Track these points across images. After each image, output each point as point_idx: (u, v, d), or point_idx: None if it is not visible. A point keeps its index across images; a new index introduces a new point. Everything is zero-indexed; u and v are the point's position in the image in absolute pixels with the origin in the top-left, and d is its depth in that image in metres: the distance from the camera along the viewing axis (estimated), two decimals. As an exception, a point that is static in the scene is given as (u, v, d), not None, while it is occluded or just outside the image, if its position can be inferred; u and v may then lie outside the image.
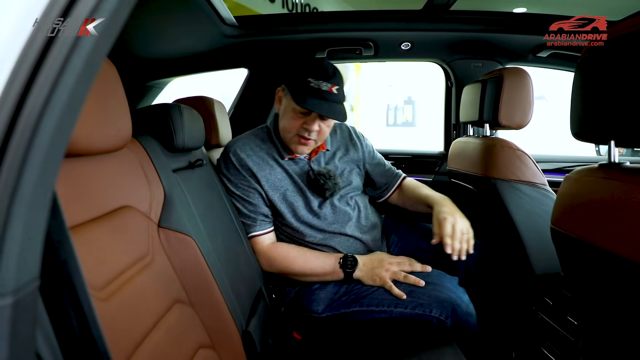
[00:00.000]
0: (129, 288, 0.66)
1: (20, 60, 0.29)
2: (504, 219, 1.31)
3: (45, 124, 0.29)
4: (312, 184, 1.27)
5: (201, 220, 0.95)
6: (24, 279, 0.30)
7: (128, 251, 0.69)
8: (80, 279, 0.38)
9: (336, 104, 1.16)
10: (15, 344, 0.29)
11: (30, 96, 0.29)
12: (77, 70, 0.30)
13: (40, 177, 0.29)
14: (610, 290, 0.78)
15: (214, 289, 0.87)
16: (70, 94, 0.30)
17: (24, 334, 0.31)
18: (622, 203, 0.68)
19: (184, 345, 0.75)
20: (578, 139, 0.79)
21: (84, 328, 0.38)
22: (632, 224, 0.65)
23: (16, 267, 0.29)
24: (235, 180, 1.24)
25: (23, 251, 0.30)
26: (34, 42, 0.29)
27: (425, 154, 2.08)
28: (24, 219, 0.29)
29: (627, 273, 0.67)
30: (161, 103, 1.01)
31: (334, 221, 1.27)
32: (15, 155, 0.28)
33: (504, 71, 1.37)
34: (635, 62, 0.64)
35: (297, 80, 1.16)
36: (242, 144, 1.27)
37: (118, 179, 0.75)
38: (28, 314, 0.31)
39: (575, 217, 0.80)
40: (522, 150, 1.31)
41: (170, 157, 0.96)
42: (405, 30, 1.68)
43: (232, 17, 1.55)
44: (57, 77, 0.29)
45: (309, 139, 1.21)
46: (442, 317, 1.13)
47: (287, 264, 1.22)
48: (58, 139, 0.30)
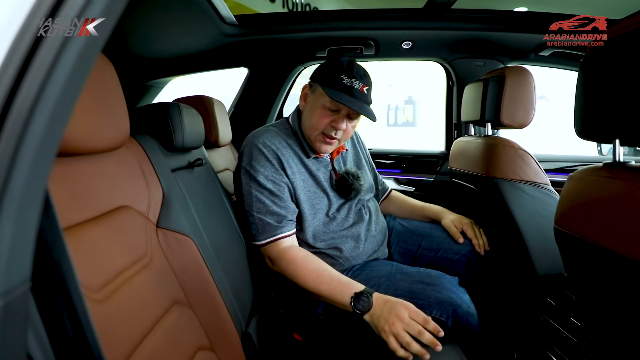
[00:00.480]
0: (127, 289, 0.65)
1: (9, 57, 0.28)
2: (506, 219, 1.30)
3: (35, 122, 0.28)
4: (339, 184, 1.27)
5: (200, 220, 0.94)
6: (14, 281, 0.29)
7: (126, 252, 0.68)
8: (74, 280, 0.37)
9: (366, 103, 1.17)
10: (5, 347, 0.29)
11: (20, 93, 0.28)
12: (68, 67, 0.29)
13: (31, 176, 0.29)
14: (615, 291, 0.77)
15: (213, 290, 0.86)
16: (61, 92, 0.29)
17: (14, 336, 0.30)
18: (626, 202, 0.67)
19: (182, 347, 0.74)
20: (582, 137, 0.78)
21: (77, 331, 0.38)
22: (636, 223, 0.64)
23: (6, 268, 0.28)
24: (267, 172, 1.16)
25: (13, 252, 0.29)
26: (23, 39, 0.28)
27: (426, 154, 2.07)
28: (13, 219, 0.28)
29: (632, 273, 0.66)
30: (160, 102, 1.00)
31: (347, 226, 1.27)
32: (4, 154, 0.27)
33: (506, 70, 1.36)
34: (638, 59, 0.63)
35: (330, 78, 1.16)
36: (270, 136, 1.22)
37: (116, 178, 0.74)
38: (18, 316, 0.30)
39: (579, 216, 0.79)
40: (525, 149, 1.30)
41: (169, 157, 0.95)
42: (406, 29, 1.67)
43: (232, 16, 1.54)
44: (48, 74, 0.28)
45: (334, 138, 1.20)
46: (443, 317, 1.13)
47: (297, 275, 1.12)
48: (49, 137, 0.29)
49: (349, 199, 1.28)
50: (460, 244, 1.35)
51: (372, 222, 1.33)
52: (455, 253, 1.35)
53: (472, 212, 1.52)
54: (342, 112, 1.17)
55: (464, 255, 1.35)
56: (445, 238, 1.39)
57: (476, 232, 1.35)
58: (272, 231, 1.14)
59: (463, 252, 1.35)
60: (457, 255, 1.35)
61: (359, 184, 1.26)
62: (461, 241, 1.35)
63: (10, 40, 0.28)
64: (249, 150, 1.19)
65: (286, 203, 1.17)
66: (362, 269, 1.25)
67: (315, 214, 1.23)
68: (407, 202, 1.55)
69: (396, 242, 1.45)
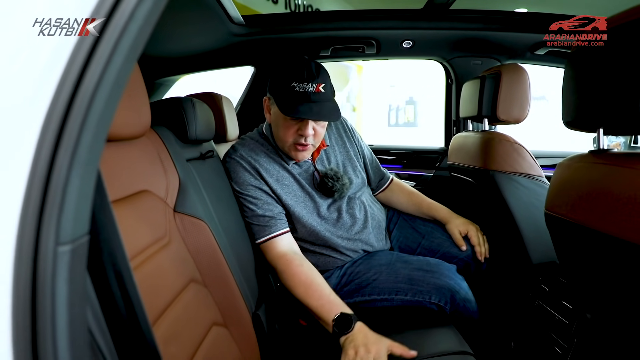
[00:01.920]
0: (149, 265, 0.71)
1: (76, 49, 0.34)
2: (502, 210, 1.35)
3: (96, 101, 0.34)
4: (320, 186, 1.26)
5: (213, 207, 1.00)
6: (78, 232, 0.35)
7: (148, 231, 0.74)
8: (119, 243, 0.43)
9: (326, 103, 1.13)
10: (72, 287, 0.34)
11: (84, 79, 0.34)
12: (123, 53, 0.35)
13: (92, 144, 0.35)
14: (601, 269, 0.82)
15: (225, 271, 0.92)
16: (115, 79, 0.35)
17: (78, 278, 0.36)
18: (609, 185, 0.73)
19: (199, 322, 0.80)
20: (569, 127, 0.84)
21: (122, 289, 0.44)
22: (618, 204, 0.70)
23: (73, 219, 0.34)
24: (246, 182, 1.20)
25: (78, 206, 0.35)
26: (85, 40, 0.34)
27: (426, 150, 2.13)
28: (80, 176, 0.34)
29: (615, 250, 0.71)
30: (174, 97, 1.06)
31: (341, 226, 1.27)
32: (74, 125, 0.33)
33: (502, 68, 1.41)
34: (618, 55, 0.69)
35: (281, 88, 1.12)
36: (248, 149, 1.24)
37: (138, 165, 0.80)
38: (81, 262, 0.36)
39: (568, 200, 0.84)
40: (520, 143, 1.36)
41: (183, 148, 1.01)
42: (407, 28, 1.73)
43: (239, 16, 1.61)
44: (109, 57, 0.34)
45: (307, 144, 1.17)
46: (442, 303, 1.17)
47: (288, 284, 1.12)
48: (106, 114, 0.36)
49: (335, 199, 1.28)
50: (462, 251, 1.34)
51: (368, 217, 1.34)
52: (453, 257, 1.35)
53: (471, 204, 1.57)
54: (304, 120, 1.13)
55: (461, 259, 1.35)
56: (446, 240, 1.38)
57: (480, 240, 1.34)
58: (263, 231, 1.17)
59: (461, 257, 1.35)
60: (454, 258, 1.35)
61: (340, 185, 1.24)
62: (464, 249, 1.33)
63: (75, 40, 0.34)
64: (229, 165, 1.23)
65: (270, 205, 1.19)
66: (364, 259, 1.29)
67: (307, 215, 1.24)
68: (413, 194, 1.51)
69: (397, 237, 1.46)
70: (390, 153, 2.16)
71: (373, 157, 1.51)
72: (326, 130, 1.34)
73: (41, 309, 0.32)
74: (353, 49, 1.83)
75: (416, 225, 1.46)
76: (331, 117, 1.13)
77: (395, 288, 1.21)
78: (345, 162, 1.37)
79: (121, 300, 0.44)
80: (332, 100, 1.15)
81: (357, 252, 1.30)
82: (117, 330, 0.44)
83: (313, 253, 1.28)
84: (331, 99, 1.15)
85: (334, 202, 1.28)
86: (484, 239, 1.35)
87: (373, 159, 1.51)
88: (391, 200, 1.53)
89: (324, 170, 1.27)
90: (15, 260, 0.32)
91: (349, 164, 1.37)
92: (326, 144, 1.34)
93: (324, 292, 1.08)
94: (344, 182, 1.26)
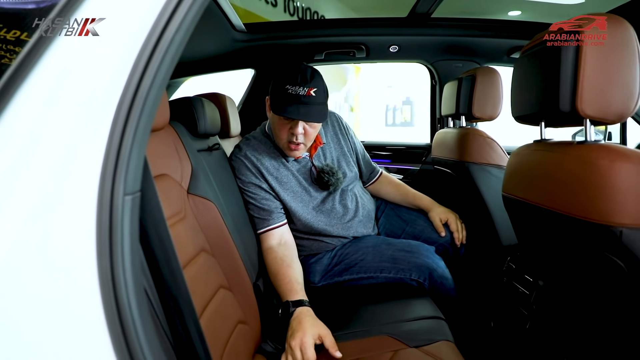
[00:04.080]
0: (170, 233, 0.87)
1: (138, 58, 0.50)
2: (476, 198, 1.51)
3: (150, 95, 0.50)
4: (318, 180, 1.38)
5: (219, 191, 1.16)
6: (136, 188, 0.51)
7: (168, 206, 0.90)
8: (157, 201, 0.59)
9: (315, 106, 1.22)
10: (132, 227, 0.50)
11: (144, 79, 0.50)
12: (170, 57, 0.51)
13: (146, 126, 0.50)
14: (547, 240, 0.98)
15: (230, 244, 1.08)
16: (165, 74, 0.51)
17: (135, 221, 0.52)
18: (547, 168, 0.89)
19: (209, 283, 0.96)
20: (518, 121, 1.00)
21: (160, 236, 0.60)
22: (553, 182, 0.86)
23: (133, 179, 0.50)
24: (249, 180, 1.33)
25: (136, 171, 0.50)
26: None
27: (414, 145, 2.29)
28: (138, 150, 0.50)
29: (556, 222, 0.87)
30: (186, 96, 1.22)
31: (334, 215, 1.40)
32: (137, 107, 0.49)
33: (476, 70, 1.58)
34: (545, 66, 0.85)
35: (277, 90, 1.24)
36: (252, 148, 1.36)
37: (158, 152, 0.96)
38: (137, 210, 0.52)
39: (518, 183, 1.01)
40: (492, 138, 1.52)
41: (194, 140, 1.17)
42: (393, 35, 1.90)
43: (241, 24, 1.78)
44: (161, 61, 0.50)
45: (299, 143, 1.28)
46: (421, 279, 1.33)
47: (268, 270, 1.28)
48: (155, 103, 0.52)
49: (330, 192, 1.41)
50: (442, 237, 1.49)
51: (359, 207, 1.47)
52: (434, 242, 1.49)
53: (450, 193, 1.73)
54: (295, 120, 1.24)
55: (441, 244, 1.49)
56: (427, 227, 1.52)
57: (458, 227, 1.48)
58: (261, 224, 1.32)
59: (441, 242, 1.49)
60: (435, 243, 1.49)
61: (335, 179, 1.37)
62: (443, 234, 1.48)
63: (138, 49, 0.50)
64: (234, 163, 1.37)
65: (268, 201, 1.32)
66: (353, 242, 1.44)
67: (302, 208, 1.36)
68: (400, 186, 1.65)
69: (384, 224, 1.61)
70: (386, 149, 2.32)
71: (365, 152, 1.65)
72: (323, 129, 1.49)
73: (115, 240, 0.48)
74: (345, 53, 2.00)
75: (401, 214, 1.61)
76: (316, 119, 1.24)
77: (380, 267, 1.36)
78: (340, 157, 1.50)
79: (158, 244, 0.60)
80: (321, 104, 1.25)
81: (347, 238, 1.45)
82: (156, 272, 0.60)
83: (308, 239, 1.42)
84: (321, 102, 1.25)
85: (328, 194, 1.41)
86: (462, 227, 1.50)
87: (364, 155, 1.64)
88: (380, 192, 1.68)
89: (321, 166, 1.40)
90: (97, 206, 0.48)
91: (343, 159, 1.50)
92: (323, 142, 1.45)
93: (284, 280, 1.20)
94: (338, 177, 1.38)
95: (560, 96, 0.78)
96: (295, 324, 1.06)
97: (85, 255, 0.46)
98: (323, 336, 1.02)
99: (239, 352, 0.97)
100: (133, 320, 0.47)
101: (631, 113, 0.76)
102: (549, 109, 0.84)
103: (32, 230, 0.45)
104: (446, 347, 1.03)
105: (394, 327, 1.13)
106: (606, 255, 0.74)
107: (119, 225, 0.48)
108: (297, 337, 1.01)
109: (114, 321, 0.46)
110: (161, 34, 0.49)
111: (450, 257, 1.51)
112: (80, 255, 0.46)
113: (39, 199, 0.45)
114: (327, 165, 1.40)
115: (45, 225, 0.45)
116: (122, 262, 0.48)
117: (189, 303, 0.60)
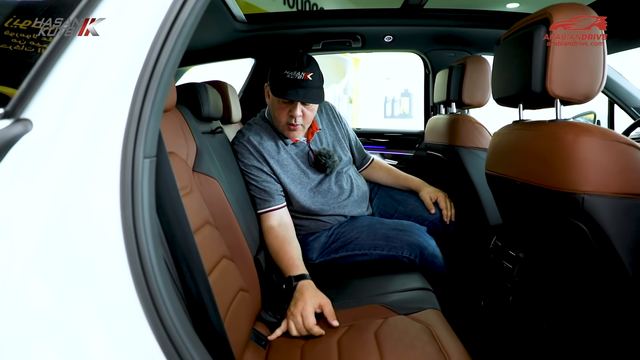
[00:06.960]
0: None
1: (153, 44, 0.58)
2: (465, 180, 1.59)
3: (164, 74, 0.58)
4: (315, 163, 1.46)
5: (222, 171, 1.24)
6: (153, 153, 0.59)
7: (177, 179, 0.98)
8: (169, 166, 0.67)
9: (312, 89, 1.30)
10: (150, 186, 0.59)
11: (159, 62, 0.58)
12: (178, 50, 0.59)
13: (161, 101, 0.59)
14: (526, 212, 1.06)
15: (232, 219, 1.16)
16: (174, 63, 0.59)
17: (152, 181, 0.60)
18: (525, 145, 0.97)
19: (213, 252, 1.04)
20: (499, 103, 1.08)
21: (171, 198, 0.68)
22: (522, 156, 0.94)
23: (150, 145, 0.58)
24: (251, 163, 1.40)
25: (153, 138, 0.59)
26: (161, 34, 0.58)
27: (409, 132, 2.38)
28: (154, 121, 0.58)
29: (527, 193, 0.95)
30: (191, 82, 1.30)
31: (331, 196, 1.48)
32: (153, 84, 0.57)
33: (466, 59, 1.65)
34: (519, 53, 0.92)
35: (276, 75, 1.31)
36: (254, 133, 1.43)
37: (167, 132, 1.02)
38: (153, 172, 0.60)
39: (497, 160, 1.09)
40: (480, 123, 1.59)
41: (199, 123, 1.25)
42: (387, 25, 1.98)
43: (242, 15, 1.85)
44: (173, 47, 0.58)
45: (297, 124, 1.35)
46: (412, 256, 1.41)
47: (269, 249, 1.36)
48: (168, 82, 0.60)
49: (327, 174, 1.48)
50: (432, 214, 1.58)
51: (354, 188, 1.54)
52: (425, 219, 1.58)
53: (441, 177, 1.81)
54: (293, 102, 1.32)
55: (431, 221, 1.58)
56: (418, 206, 1.61)
57: (447, 204, 1.57)
58: (262, 204, 1.39)
59: (431, 219, 1.58)
60: (425, 221, 1.58)
61: (332, 161, 1.44)
62: (432, 212, 1.57)
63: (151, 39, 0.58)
64: (237, 147, 1.43)
65: (268, 184, 1.39)
66: (348, 221, 1.53)
67: (300, 190, 1.43)
68: (391, 170, 1.75)
69: (377, 204, 1.70)
70: (384, 136, 2.41)
71: (357, 139, 1.74)
72: (318, 116, 1.57)
73: (136, 194, 0.56)
74: (341, 43, 2.06)
75: (393, 194, 1.70)
76: (315, 100, 1.33)
77: (374, 245, 1.44)
78: (335, 143, 1.58)
79: (171, 206, 0.69)
80: (318, 87, 1.33)
81: (344, 216, 1.53)
82: (169, 232, 0.68)
83: (306, 219, 1.50)
84: (317, 85, 1.32)
85: (325, 176, 1.48)
86: (451, 205, 1.59)
87: (357, 141, 1.73)
88: (372, 176, 1.76)
89: (318, 150, 1.47)
90: (121, 167, 0.56)
91: (337, 144, 1.58)
92: (318, 128, 1.53)
93: (286, 257, 1.28)
94: (334, 160, 1.46)
95: (532, 78, 0.86)
96: (298, 295, 1.14)
97: (110, 206, 0.54)
98: (323, 305, 1.11)
99: (241, 317, 1.05)
100: (152, 266, 0.56)
101: (596, 93, 0.84)
102: (524, 91, 0.92)
103: (71, 182, 0.53)
104: (433, 314, 1.11)
105: (385, 297, 1.21)
106: (571, 221, 0.82)
107: (140, 183, 0.56)
108: (299, 306, 1.09)
109: (137, 267, 0.54)
110: (175, 18, 0.57)
111: (440, 236, 1.59)
112: (107, 206, 0.54)
113: (75, 158, 0.54)
114: (323, 149, 1.47)
115: (82, 178, 0.53)
116: (142, 213, 0.56)
117: (199, 262, 0.69)
